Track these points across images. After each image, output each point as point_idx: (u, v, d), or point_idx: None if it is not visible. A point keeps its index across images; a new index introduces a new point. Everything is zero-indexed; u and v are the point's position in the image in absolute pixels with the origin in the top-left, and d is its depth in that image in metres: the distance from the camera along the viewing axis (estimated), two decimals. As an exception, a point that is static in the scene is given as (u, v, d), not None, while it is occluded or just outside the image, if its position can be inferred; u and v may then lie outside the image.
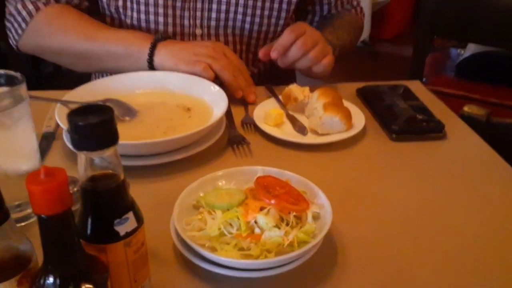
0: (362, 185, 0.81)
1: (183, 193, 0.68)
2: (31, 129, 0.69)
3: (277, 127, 0.96)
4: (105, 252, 0.49)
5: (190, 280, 0.61)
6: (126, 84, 1.01)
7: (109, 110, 0.46)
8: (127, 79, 1.01)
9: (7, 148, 0.65)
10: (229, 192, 0.67)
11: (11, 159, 0.66)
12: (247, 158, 0.88)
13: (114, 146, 0.47)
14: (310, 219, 0.64)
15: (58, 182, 0.40)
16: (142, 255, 0.53)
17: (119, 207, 0.49)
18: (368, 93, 1.06)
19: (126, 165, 0.80)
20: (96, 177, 0.48)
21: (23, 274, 0.45)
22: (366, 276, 0.62)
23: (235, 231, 0.61)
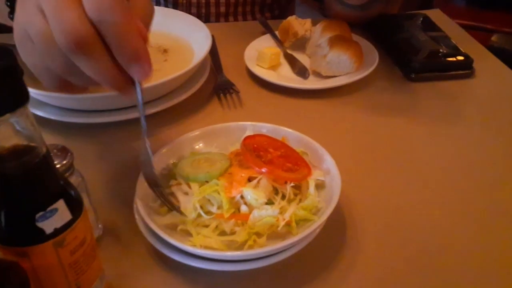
0: (377, 139, 0.66)
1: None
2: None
3: (272, 69, 0.80)
4: (27, 256, 0.36)
5: (160, 272, 0.48)
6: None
7: (10, 53, 0.31)
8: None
9: None
10: (209, 158, 0.52)
11: None
12: (236, 110, 0.73)
13: (24, 107, 0.32)
14: (312, 189, 0.50)
15: None
16: (85, 254, 0.39)
17: (42, 194, 0.35)
18: (380, 24, 0.89)
19: (85, 122, 0.67)
20: (4, 155, 0.34)
21: None
22: (383, 257, 0.49)
23: (215, 210, 0.47)
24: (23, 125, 0.34)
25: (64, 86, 0.45)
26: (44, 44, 0.41)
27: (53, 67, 0.43)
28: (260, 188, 0.48)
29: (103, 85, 0.43)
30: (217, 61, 0.82)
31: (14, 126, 0.33)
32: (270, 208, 0.46)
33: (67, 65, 0.42)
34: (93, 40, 0.40)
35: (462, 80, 0.78)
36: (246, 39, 0.86)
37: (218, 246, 0.45)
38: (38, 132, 0.35)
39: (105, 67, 0.42)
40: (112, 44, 0.41)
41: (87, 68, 0.42)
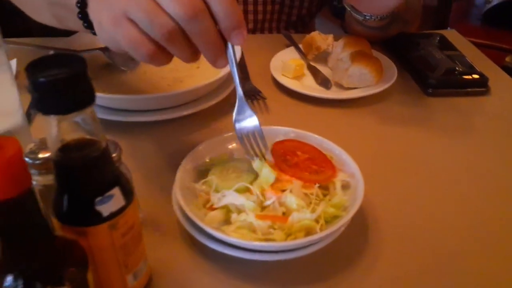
0: (396, 148, 0.70)
1: (185, 159, 0.58)
2: (10, 81, 0.59)
3: (296, 79, 0.85)
4: (85, 235, 0.40)
5: (195, 259, 0.52)
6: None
7: (81, 60, 0.36)
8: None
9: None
10: (237, 167, 0.57)
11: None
12: (263, 115, 0.77)
13: (90, 107, 0.37)
14: (339, 189, 0.55)
15: (7, 158, 0.30)
16: (133, 237, 0.44)
17: (101, 182, 0.40)
18: (398, 42, 0.93)
19: (124, 121, 0.73)
20: (70, 147, 0.38)
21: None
22: (404, 257, 0.53)
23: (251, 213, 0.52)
24: (88, 122, 0.38)
25: (155, 56, 0.51)
26: (152, 17, 0.48)
27: (158, 36, 0.49)
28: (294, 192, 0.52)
29: (205, 50, 0.51)
30: (245, 70, 0.87)
31: (80, 123, 0.38)
32: (308, 212, 0.50)
33: (173, 33, 0.48)
34: (204, 9, 0.48)
35: (477, 97, 0.81)
36: (271, 51, 0.91)
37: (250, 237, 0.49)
38: (100, 129, 0.39)
39: (212, 32, 0.49)
40: (219, 13, 0.48)
41: (197, 33, 0.49)
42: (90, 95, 0.36)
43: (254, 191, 0.53)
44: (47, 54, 0.37)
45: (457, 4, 1.98)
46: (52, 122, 0.36)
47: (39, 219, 0.34)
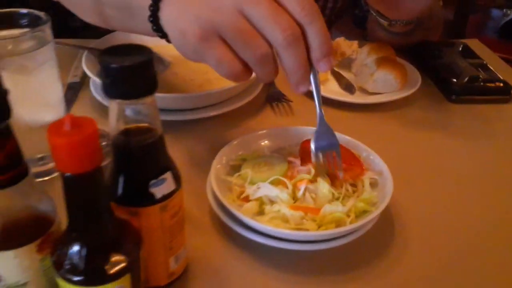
0: (419, 152, 0.73)
1: (220, 153, 0.61)
2: (56, 76, 0.62)
3: (321, 83, 0.87)
4: (138, 216, 0.43)
5: (228, 248, 0.55)
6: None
7: (148, 51, 0.38)
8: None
9: (29, 95, 0.58)
10: (268, 161, 0.60)
11: (34, 108, 0.60)
12: (288, 117, 0.80)
13: (152, 95, 0.40)
14: (367, 186, 0.57)
15: (87, 134, 0.33)
16: (178, 221, 0.46)
17: (155, 166, 0.43)
18: (422, 50, 0.96)
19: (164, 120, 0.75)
20: (130, 131, 0.41)
21: (43, 238, 0.39)
22: (428, 256, 0.55)
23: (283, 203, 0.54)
24: (148, 109, 0.41)
25: (240, 75, 0.53)
26: (247, 39, 0.50)
27: (251, 58, 0.51)
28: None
29: (292, 74, 0.53)
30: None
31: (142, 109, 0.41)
32: (340, 205, 0.53)
33: (266, 57, 0.51)
34: (301, 36, 0.50)
35: (500, 105, 0.84)
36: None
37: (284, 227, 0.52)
38: (158, 117, 0.42)
39: (304, 58, 0.51)
40: (314, 41, 0.51)
41: (290, 59, 0.51)
42: (154, 83, 0.39)
43: (287, 184, 0.55)
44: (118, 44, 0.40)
45: (474, 16, 2.00)
46: (117, 106, 0.39)
47: (104, 195, 0.37)
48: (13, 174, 0.37)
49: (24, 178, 0.38)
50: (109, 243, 0.38)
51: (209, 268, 0.52)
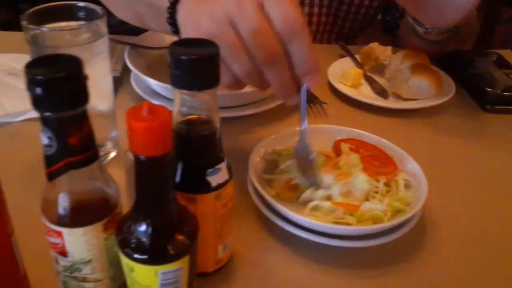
0: (452, 158, 0.74)
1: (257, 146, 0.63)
2: (108, 68, 0.65)
3: (354, 88, 0.89)
4: (194, 202, 0.45)
5: (268, 241, 0.57)
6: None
7: (215, 46, 0.41)
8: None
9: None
10: None
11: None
12: (322, 119, 0.82)
13: (215, 88, 0.42)
14: (402, 187, 0.59)
15: (163, 121, 0.36)
16: (229, 210, 0.49)
17: (213, 156, 0.45)
18: (455, 58, 0.97)
19: None
20: (191, 121, 0.43)
21: (109, 218, 0.42)
22: (460, 260, 0.57)
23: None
24: (209, 102, 0.43)
25: (232, 85, 0.56)
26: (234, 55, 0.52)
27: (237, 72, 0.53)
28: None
29: (278, 89, 0.55)
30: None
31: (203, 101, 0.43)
32: (379, 203, 0.55)
33: (250, 72, 0.53)
34: (283, 56, 0.52)
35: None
36: (324, 60, 0.96)
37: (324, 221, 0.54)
38: (217, 110, 0.44)
39: (287, 76, 0.53)
40: (297, 58, 0.52)
41: (273, 76, 0.53)
42: (218, 77, 0.41)
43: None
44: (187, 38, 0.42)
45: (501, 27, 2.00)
46: (182, 97, 0.41)
47: (169, 179, 0.39)
48: (87, 155, 0.39)
49: (95, 160, 0.40)
50: (172, 225, 0.40)
51: (251, 258, 0.54)
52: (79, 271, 0.43)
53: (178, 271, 0.41)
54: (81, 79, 0.37)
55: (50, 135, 0.37)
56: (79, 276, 0.43)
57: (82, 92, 0.37)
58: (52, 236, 0.42)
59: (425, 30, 0.90)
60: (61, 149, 0.37)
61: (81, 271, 0.43)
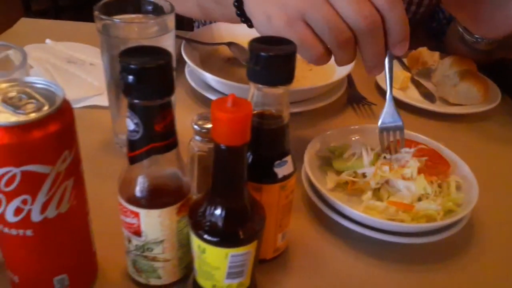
0: (499, 163, 0.75)
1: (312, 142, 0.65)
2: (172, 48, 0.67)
3: (401, 90, 0.91)
4: (260, 191, 0.47)
5: (323, 234, 0.59)
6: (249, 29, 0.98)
7: (293, 44, 0.43)
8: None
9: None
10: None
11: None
12: (370, 119, 0.83)
13: (289, 85, 0.44)
14: (453, 188, 0.60)
15: (245, 113, 0.38)
16: (290, 202, 0.51)
17: (281, 149, 0.47)
18: (500, 67, 0.98)
19: None
20: (263, 115, 0.46)
21: (183, 202, 0.45)
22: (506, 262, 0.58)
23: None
24: (281, 97, 0.45)
25: (321, 58, 0.58)
26: (332, 24, 0.54)
27: (334, 42, 0.55)
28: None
29: (369, 58, 0.57)
30: (350, 77, 0.94)
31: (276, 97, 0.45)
32: (434, 203, 0.56)
33: (348, 41, 0.55)
34: (381, 23, 0.54)
35: None
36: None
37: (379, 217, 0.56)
38: (287, 106, 0.46)
39: (382, 43, 0.56)
40: (394, 26, 0.54)
41: (370, 44, 0.55)
42: (293, 74, 0.43)
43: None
44: (267, 35, 0.44)
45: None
46: (257, 91, 0.44)
47: (245, 168, 0.42)
48: (169, 142, 0.42)
49: (175, 147, 0.43)
50: (244, 211, 0.43)
51: (306, 249, 0.56)
52: (151, 250, 0.46)
53: (247, 255, 0.44)
54: (170, 70, 0.39)
55: (137, 121, 0.40)
56: (150, 256, 0.46)
57: (170, 83, 0.40)
58: (129, 216, 0.44)
59: (474, 40, 0.90)
60: (147, 135, 0.40)
61: (153, 250, 0.46)
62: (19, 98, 0.38)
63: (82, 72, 0.87)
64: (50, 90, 0.40)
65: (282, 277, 0.53)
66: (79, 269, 0.47)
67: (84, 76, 0.86)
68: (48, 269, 0.44)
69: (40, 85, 0.40)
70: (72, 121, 0.40)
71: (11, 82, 0.40)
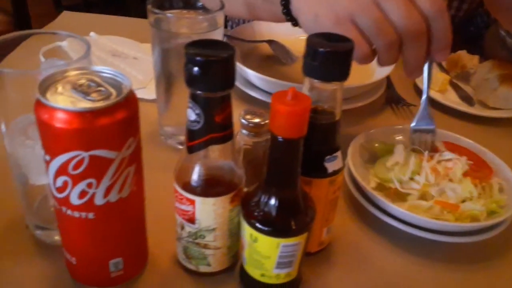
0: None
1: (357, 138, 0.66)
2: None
3: (440, 93, 0.91)
4: (309, 185, 0.48)
5: (365, 230, 0.60)
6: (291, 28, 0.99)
7: (351, 42, 0.44)
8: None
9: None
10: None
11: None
12: (409, 120, 0.83)
13: (343, 82, 0.45)
14: (496, 190, 0.61)
15: (304, 107, 0.39)
16: (336, 197, 0.52)
17: (332, 144, 0.48)
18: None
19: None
20: (317, 110, 0.47)
21: (236, 192, 0.46)
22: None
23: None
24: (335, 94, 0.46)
25: (367, 57, 0.60)
26: (380, 26, 0.57)
27: (380, 43, 0.58)
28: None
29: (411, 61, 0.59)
30: (389, 78, 0.94)
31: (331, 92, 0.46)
32: (479, 204, 0.57)
33: (394, 43, 0.57)
34: (426, 29, 0.57)
35: None
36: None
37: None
38: (340, 102, 0.47)
39: (425, 49, 0.58)
40: (438, 33, 0.57)
41: (413, 48, 0.58)
42: (349, 71, 0.44)
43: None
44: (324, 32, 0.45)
45: None
46: (313, 86, 0.45)
47: (299, 161, 0.43)
48: (226, 133, 0.43)
49: (231, 139, 0.44)
50: (297, 202, 0.44)
51: (349, 245, 0.57)
52: (203, 238, 0.47)
53: (297, 245, 0.45)
54: (233, 64, 0.40)
55: (199, 112, 0.41)
56: (201, 243, 0.48)
57: (232, 76, 0.41)
58: (184, 204, 0.46)
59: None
60: (207, 125, 0.42)
61: (205, 238, 0.47)
62: (88, 86, 0.40)
63: (126, 66, 0.89)
64: (117, 80, 0.42)
65: (325, 271, 0.54)
66: (133, 254, 0.48)
67: (128, 69, 0.88)
68: (106, 252, 0.46)
69: (107, 74, 0.42)
70: (137, 110, 0.41)
71: (80, 70, 0.42)
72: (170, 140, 0.71)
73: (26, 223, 0.55)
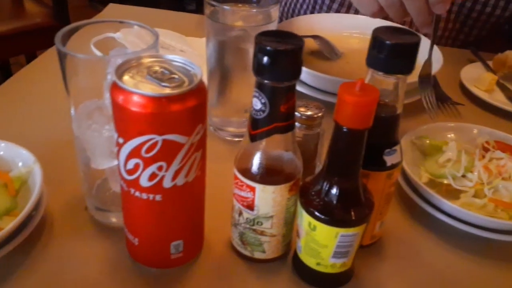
0: None
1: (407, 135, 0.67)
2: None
3: (487, 92, 0.90)
4: (368, 178, 0.49)
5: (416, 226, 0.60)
6: (335, 24, 1.00)
7: (417, 37, 0.44)
8: (336, 19, 1.01)
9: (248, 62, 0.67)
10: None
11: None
12: (456, 120, 0.83)
13: (407, 75, 0.45)
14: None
15: (372, 98, 0.40)
16: (392, 192, 0.52)
17: (392, 138, 0.49)
18: None
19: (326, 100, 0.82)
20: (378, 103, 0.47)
21: (294, 181, 0.47)
22: None
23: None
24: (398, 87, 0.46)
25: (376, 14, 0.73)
26: None
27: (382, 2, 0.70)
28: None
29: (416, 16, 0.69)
30: (434, 77, 0.93)
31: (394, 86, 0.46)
32: None
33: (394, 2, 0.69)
34: None
35: None
36: (454, 63, 0.97)
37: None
38: (402, 97, 0.47)
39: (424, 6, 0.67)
40: None
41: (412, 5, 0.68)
42: (414, 65, 0.45)
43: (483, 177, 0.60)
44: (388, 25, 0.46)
45: None
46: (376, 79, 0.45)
47: (362, 152, 0.44)
48: (290, 123, 0.44)
49: (293, 129, 0.45)
50: (356, 193, 0.45)
51: (400, 240, 0.58)
52: (260, 224, 0.49)
53: (354, 236, 0.46)
54: (301, 55, 0.41)
55: (265, 101, 0.42)
56: (258, 229, 0.49)
57: (299, 67, 0.42)
58: (244, 190, 0.47)
59: None
60: (272, 114, 0.43)
61: (262, 225, 0.48)
62: (162, 73, 0.42)
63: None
64: (187, 69, 0.43)
65: (377, 264, 0.54)
66: (192, 237, 0.50)
67: (177, 61, 0.89)
68: (168, 233, 0.47)
69: (178, 63, 0.43)
70: (206, 98, 0.43)
71: (154, 57, 0.43)
72: (220, 131, 0.72)
73: (85, 204, 0.57)
